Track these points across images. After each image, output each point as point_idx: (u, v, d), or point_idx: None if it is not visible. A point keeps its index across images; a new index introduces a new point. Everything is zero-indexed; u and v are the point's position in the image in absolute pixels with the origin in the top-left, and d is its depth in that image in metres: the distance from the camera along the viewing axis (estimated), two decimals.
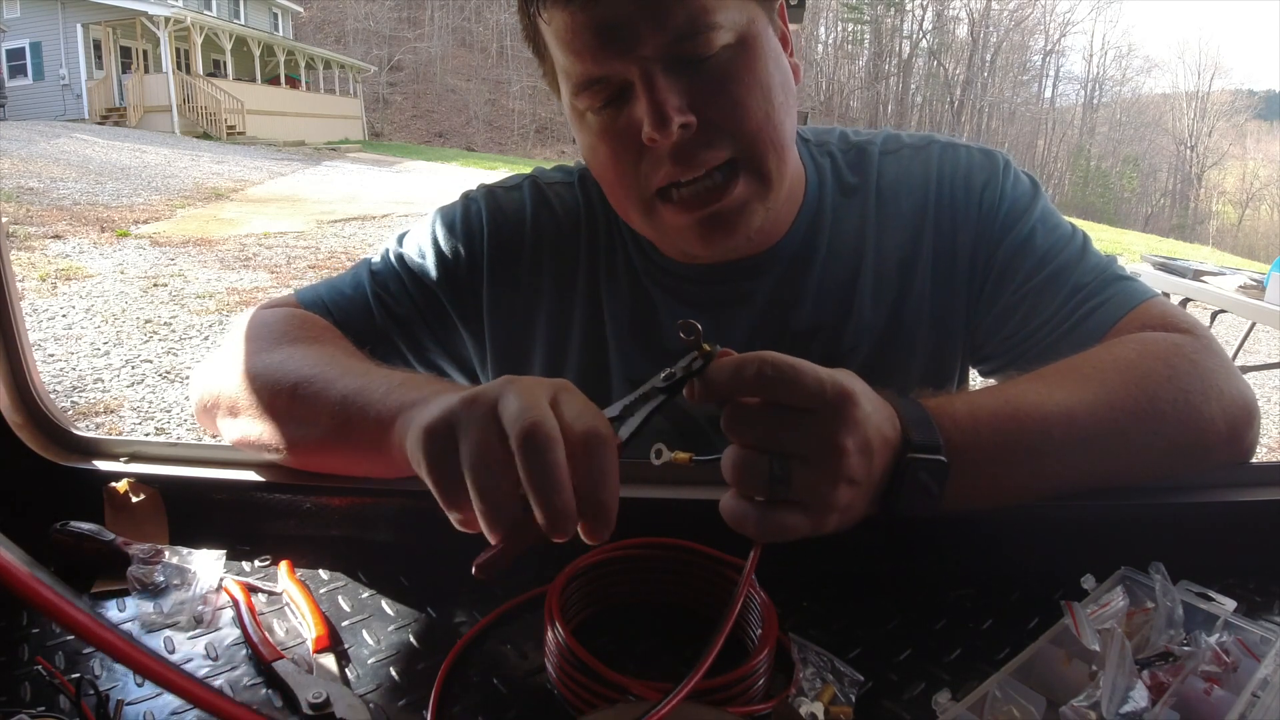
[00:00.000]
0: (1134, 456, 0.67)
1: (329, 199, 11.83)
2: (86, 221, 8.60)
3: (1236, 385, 0.72)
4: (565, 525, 0.46)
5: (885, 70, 40.32)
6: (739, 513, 0.52)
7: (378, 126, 32.08)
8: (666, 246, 0.86)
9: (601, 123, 0.74)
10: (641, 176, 0.74)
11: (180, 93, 20.21)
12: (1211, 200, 40.93)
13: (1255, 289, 4.19)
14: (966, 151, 0.89)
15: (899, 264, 0.86)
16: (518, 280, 0.90)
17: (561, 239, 0.91)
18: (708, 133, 0.71)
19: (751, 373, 0.51)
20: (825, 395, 0.52)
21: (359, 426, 0.65)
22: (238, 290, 6.49)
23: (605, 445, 0.48)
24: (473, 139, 33.26)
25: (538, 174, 0.95)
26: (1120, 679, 0.48)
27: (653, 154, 0.72)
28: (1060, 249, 0.83)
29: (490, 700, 0.55)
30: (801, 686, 0.53)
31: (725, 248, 0.78)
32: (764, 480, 0.51)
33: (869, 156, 0.90)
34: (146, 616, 0.63)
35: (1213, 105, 42.01)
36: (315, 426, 0.69)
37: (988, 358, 0.89)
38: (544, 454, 0.46)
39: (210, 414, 0.80)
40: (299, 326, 0.82)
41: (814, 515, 0.53)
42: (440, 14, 37.40)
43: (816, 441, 0.52)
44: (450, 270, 0.90)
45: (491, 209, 0.92)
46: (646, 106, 0.69)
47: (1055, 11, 41.06)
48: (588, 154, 0.79)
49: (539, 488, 0.46)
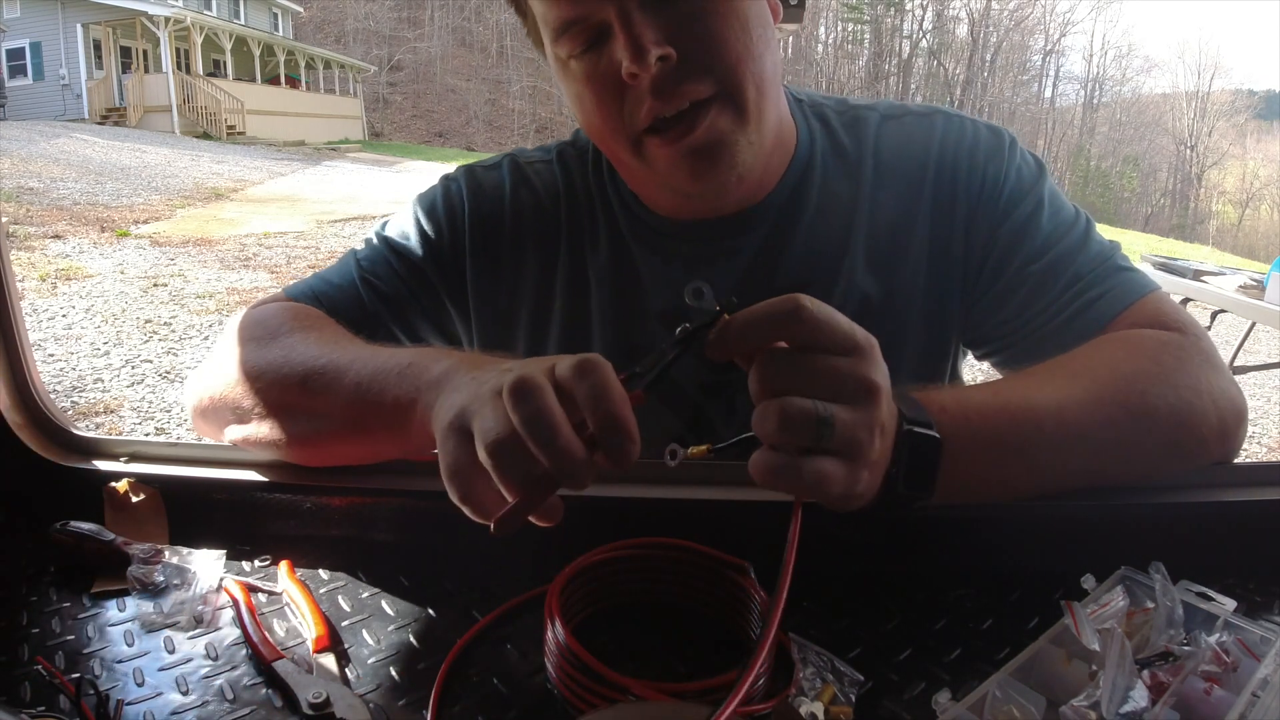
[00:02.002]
0: (1126, 452, 0.66)
1: (329, 199, 11.84)
2: (86, 221, 8.60)
3: (1226, 384, 0.72)
4: (570, 466, 0.46)
5: (885, 70, 40.32)
6: (776, 466, 0.50)
7: (378, 126, 32.07)
8: (656, 195, 0.86)
9: (583, 68, 0.75)
10: (627, 116, 0.74)
11: (180, 93, 20.21)
12: (1211, 200, 40.91)
13: (1255, 289, 4.20)
14: (973, 124, 0.87)
15: (893, 229, 0.85)
16: (499, 256, 0.91)
17: (541, 214, 0.91)
18: (687, 65, 0.71)
19: (788, 310, 0.49)
20: (857, 338, 0.51)
21: (375, 413, 0.65)
22: (238, 290, 6.49)
23: (597, 366, 0.48)
24: (473, 139, 33.24)
25: (516, 153, 0.97)
26: (1120, 679, 0.48)
27: (635, 92, 0.72)
28: (1063, 234, 0.82)
29: (490, 700, 0.55)
30: (801, 686, 0.53)
31: (716, 184, 0.77)
32: (812, 424, 0.49)
33: (866, 122, 0.89)
34: (146, 616, 0.63)
35: (1213, 105, 41.99)
36: (329, 417, 0.69)
37: (983, 341, 0.88)
38: (530, 399, 0.47)
39: (211, 419, 0.80)
40: (295, 318, 0.81)
41: (850, 466, 0.51)
42: (440, 14, 37.40)
43: (854, 384, 0.51)
44: (435, 248, 0.91)
45: (471, 187, 0.93)
46: (624, 42, 0.69)
47: (1055, 11, 41.06)
48: (575, 104, 0.79)
49: (535, 433, 0.46)
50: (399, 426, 0.63)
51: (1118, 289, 0.78)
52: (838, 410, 0.50)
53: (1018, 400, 0.65)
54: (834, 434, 0.50)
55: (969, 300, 0.86)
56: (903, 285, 0.85)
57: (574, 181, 0.92)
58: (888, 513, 0.58)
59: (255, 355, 0.76)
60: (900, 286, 0.85)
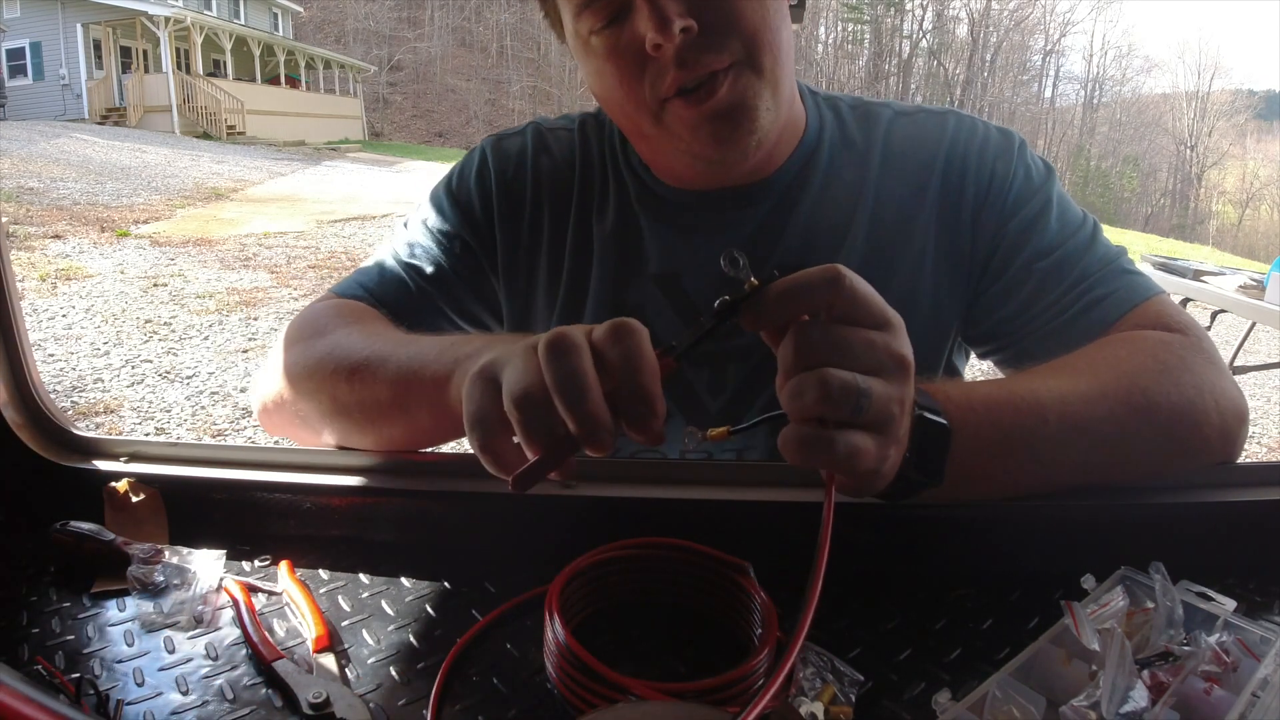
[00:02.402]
0: (1129, 448, 0.67)
1: (329, 199, 11.83)
2: (86, 221, 8.60)
3: (1228, 385, 0.72)
4: (596, 431, 0.46)
5: (885, 70, 40.33)
6: (811, 440, 0.49)
7: (378, 126, 32.08)
8: (670, 164, 0.87)
9: (605, 42, 0.76)
10: (649, 88, 0.76)
11: (180, 93, 20.22)
12: (1211, 200, 40.92)
13: (1255, 289, 4.20)
14: (984, 125, 0.89)
15: (897, 220, 0.86)
16: (521, 219, 0.93)
17: (558, 178, 0.93)
18: (707, 36, 0.73)
19: (829, 279, 0.49)
20: (889, 313, 0.51)
21: (417, 391, 0.68)
22: (238, 290, 6.49)
23: (632, 331, 0.47)
24: (473, 139, 33.06)
25: (540, 120, 0.99)
26: (1120, 679, 0.48)
27: (657, 64, 0.74)
28: (1071, 234, 0.83)
29: (490, 700, 0.55)
30: (801, 686, 0.53)
31: (737, 149, 0.78)
32: (853, 396, 0.48)
33: (879, 116, 0.91)
34: (146, 616, 0.63)
35: (1213, 105, 42.00)
36: (378, 404, 0.73)
37: (986, 338, 0.89)
38: (566, 357, 0.47)
39: (275, 417, 0.85)
40: (340, 314, 0.85)
41: (881, 441, 0.51)
42: (440, 14, 37.39)
43: (888, 357, 0.50)
44: (469, 216, 0.94)
45: (497, 153, 0.95)
46: (649, 13, 0.71)
47: (1055, 11, 41.12)
48: (595, 79, 0.80)
49: (565, 392, 0.46)
50: (437, 400, 0.65)
51: (1123, 290, 0.79)
52: (875, 383, 0.50)
53: (1022, 392, 0.65)
54: (871, 406, 0.49)
55: (972, 296, 0.87)
56: (903, 276, 0.86)
57: (590, 149, 0.94)
58: (896, 499, 0.58)
59: (306, 354, 0.80)
60: (900, 277, 0.86)
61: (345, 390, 0.74)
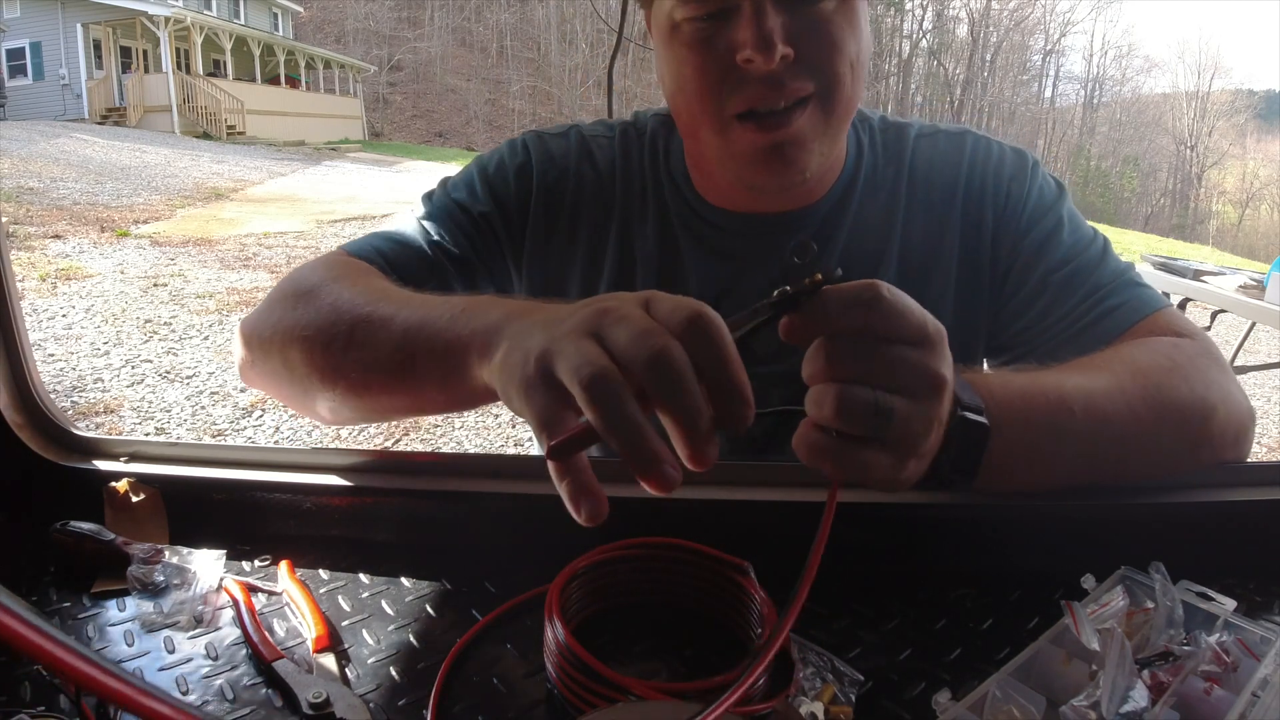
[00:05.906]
0: (1147, 444, 0.67)
1: (329, 199, 11.84)
2: (86, 221, 8.60)
3: (1234, 388, 0.75)
4: (698, 426, 0.41)
5: (885, 70, 40.28)
6: (820, 445, 0.48)
7: (378, 126, 32.06)
8: (714, 178, 0.88)
9: (697, 33, 0.76)
10: (725, 95, 0.76)
11: (180, 93, 20.21)
12: (1211, 200, 40.91)
13: (1255, 289, 4.19)
14: (999, 146, 0.92)
15: (925, 244, 0.89)
16: (557, 223, 0.93)
17: (600, 188, 0.93)
18: (799, 64, 0.73)
19: (869, 297, 0.47)
20: (929, 329, 0.50)
21: (425, 360, 0.62)
22: (238, 290, 6.49)
23: (713, 325, 0.44)
24: (473, 139, 33.22)
25: (581, 125, 0.98)
26: (1120, 679, 0.48)
27: (740, 76, 0.74)
28: (1083, 249, 0.86)
29: (490, 700, 0.55)
30: (801, 686, 0.53)
31: (785, 182, 0.79)
32: (870, 415, 0.48)
33: (904, 139, 0.93)
34: (146, 616, 0.63)
35: (1213, 105, 41.99)
36: (377, 366, 0.66)
37: (1003, 349, 0.91)
38: (681, 382, 0.42)
39: (256, 369, 0.79)
40: (342, 269, 0.79)
41: (898, 458, 0.50)
42: (440, 14, 37.37)
43: (920, 376, 0.50)
44: (502, 204, 0.92)
45: (540, 152, 0.94)
46: (754, 30, 0.71)
47: (1055, 11, 41.08)
48: (672, 66, 0.79)
49: (662, 384, 0.42)
50: (450, 374, 0.59)
51: (1134, 301, 0.82)
52: (899, 403, 0.49)
53: (1051, 385, 0.66)
54: (891, 426, 0.49)
55: (992, 310, 0.90)
56: (933, 299, 0.87)
57: (630, 160, 0.94)
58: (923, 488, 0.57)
59: (302, 309, 0.74)
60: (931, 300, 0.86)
61: (343, 347, 0.68)
